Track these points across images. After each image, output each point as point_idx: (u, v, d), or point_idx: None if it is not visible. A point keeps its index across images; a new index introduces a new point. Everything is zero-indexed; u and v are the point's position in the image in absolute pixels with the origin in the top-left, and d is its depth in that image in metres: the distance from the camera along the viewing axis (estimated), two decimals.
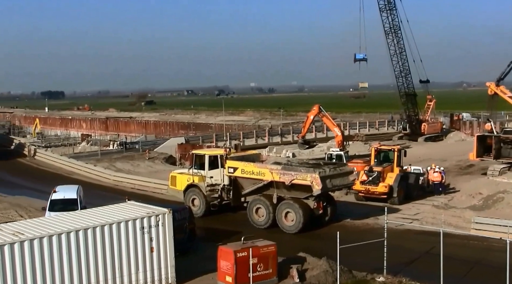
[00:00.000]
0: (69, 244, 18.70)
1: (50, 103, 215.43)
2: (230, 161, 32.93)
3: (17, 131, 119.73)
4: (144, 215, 20.60)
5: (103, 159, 58.64)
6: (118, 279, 19.86)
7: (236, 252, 20.28)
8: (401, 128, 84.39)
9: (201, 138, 76.96)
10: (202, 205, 34.18)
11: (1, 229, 19.10)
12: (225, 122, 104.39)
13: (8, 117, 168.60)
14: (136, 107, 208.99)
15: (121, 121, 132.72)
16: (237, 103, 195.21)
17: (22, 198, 42.14)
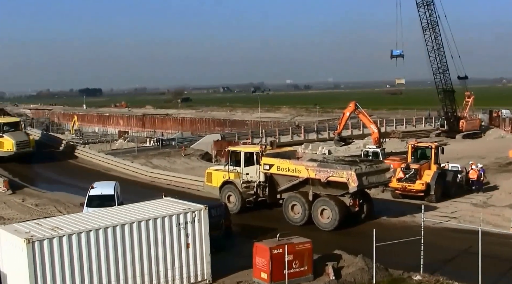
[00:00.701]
0: (106, 239, 18.92)
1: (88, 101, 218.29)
2: (265, 157, 32.92)
3: (56, 128, 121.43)
4: (180, 211, 20.73)
5: (140, 156, 59.12)
6: (154, 274, 20.03)
7: (271, 248, 20.28)
8: (438, 125, 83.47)
9: (237, 135, 77.13)
10: (238, 201, 34.24)
11: (40, 224, 19.43)
12: (260, 119, 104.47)
13: (47, 114, 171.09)
14: (173, 104, 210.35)
15: (158, 118, 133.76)
16: (273, 100, 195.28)
17: (61, 194, 42.73)
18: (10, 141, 52.39)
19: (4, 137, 52.86)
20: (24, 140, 53.48)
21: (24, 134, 55.72)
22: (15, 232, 18.46)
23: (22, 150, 53.06)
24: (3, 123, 54.23)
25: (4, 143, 52.79)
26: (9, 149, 52.51)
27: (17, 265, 17.99)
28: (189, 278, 20.84)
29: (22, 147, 52.92)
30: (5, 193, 42.50)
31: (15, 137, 52.76)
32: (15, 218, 33.13)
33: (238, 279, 21.57)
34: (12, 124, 55.40)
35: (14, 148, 52.25)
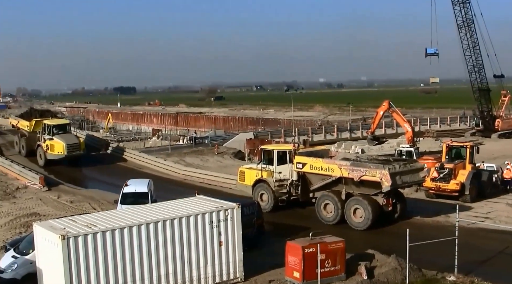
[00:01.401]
0: (140, 236, 19.08)
1: (122, 99, 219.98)
2: (298, 156, 32.86)
3: (90, 126, 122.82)
4: (213, 209, 20.81)
5: (173, 154, 59.46)
6: (187, 272, 20.14)
7: (304, 247, 20.25)
8: (473, 124, 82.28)
9: (270, 134, 77.08)
10: (271, 200, 34.23)
11: (75, 220, 19.66)
12: (293, 117, 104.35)
13: (82, 112, 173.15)
14: (206, 103, 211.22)
15: (191, 117, 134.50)
16: (306, 99, 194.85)
17: (95, 191, 43.25)
18: (60, 144, 51.42)
19: (54, 140, 51.82)
20: (75, 143, 52.47)
21: (74, 136, 54.89)
22: (50, 228, 18.73)
23: (73, 153, 52.04)
24: (53, 126, 53.12)
25: (54, 145, 51.70)
26: (60, 151, 51.50)
27: (53, 261, 18.26)
28: (221, 276, 20.91)
29: (73, 149, 51.86)
30: (41, 190, 43.15)
31: (65, 140, 51.84)
32: (50, 214, 33.57)
33: (270, 278, 21.58)
34: (62, 127, 54.19)
35: (65, 150, 51.27)
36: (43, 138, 52.77)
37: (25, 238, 22.95)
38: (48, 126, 52.84)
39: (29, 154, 56.25)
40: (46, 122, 53.84)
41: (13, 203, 39.28)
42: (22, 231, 30.42)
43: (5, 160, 56.02)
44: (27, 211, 35.81)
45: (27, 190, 43.77)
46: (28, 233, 25.53)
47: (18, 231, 30.70)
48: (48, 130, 52.46)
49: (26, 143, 56.96)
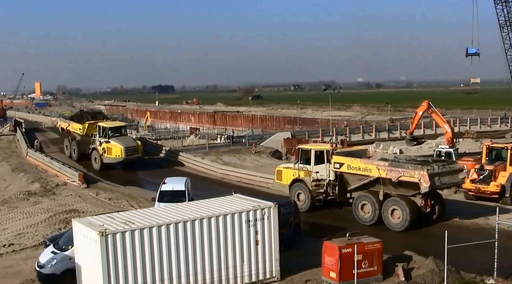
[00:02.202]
0: (177, 234, 19.18)
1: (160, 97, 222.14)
2: (336, 156, 32.70)
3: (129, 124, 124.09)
4: (250, 208, 20.81)
5: (211, 152, 59.72)
6: (223, 270, 20.18)
7: (340, 248, 20.14)
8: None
9: (307, 133, 76.99)
10: (308, 199, 34.12)
11: (113, 217, 19.86)
12: (331, 117, 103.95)
13: (121, 110, 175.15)
14: (243, 102, 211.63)
15: (229, 116, 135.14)
16: (344, 98, 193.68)
17: (133, 188, 43.66)
18: (118, 147, 50.03)
19: (111, 143, 50.46)
20: (133, 146, 51.16)
21: (131, 139, 53.92)
22: (89, 224, 18.95)
23: (131, 156, 50.61)
24: (109, 128, 51.83)
25: (111, 148, 50.30)
26: (117, 155, 50.10)
27: (91, 257, 18.47)
28: (257, 275, 20.91)
29: (131, 153, 50.45)
30: (80, 187, 43.74)
31: (123, 143, 50.54)
32: (89, 211, 34.00)
33: (307, 278, 21.51)
34: (118, 129, 52.94)
35: (123, 154, 49.86)
36: (99, 141, 51.42)
37: (64, 234, 23.23)
38: (103, 128, 51.65)
39: (81, 157, 55.20)
40: (101, 124, 52.61)
41: (53, 199, 39.93)
42: (61, 227, 30.86)
43: (45, 157, 56.96)
44: (66, 208, 36.34)
45: (66, 187, 44.45)
46: (67, 229, 25.86)
47: (57, 227, 31.15)
48: (104, 133, 51.29)
49: (78, 146, 55.74)
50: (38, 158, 58.34)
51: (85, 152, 54.24)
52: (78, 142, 56.22)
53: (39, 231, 31.12)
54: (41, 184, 45.98)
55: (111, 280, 17.98)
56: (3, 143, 79.48)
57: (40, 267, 21.66)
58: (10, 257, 27.09)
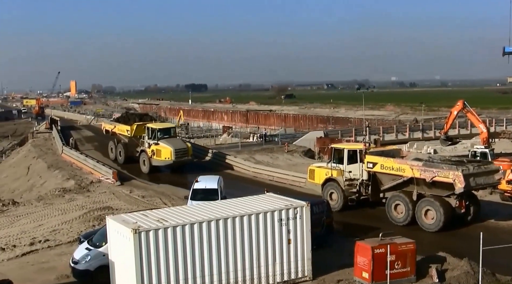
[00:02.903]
0: (209, 232, 19.25)
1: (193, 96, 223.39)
2: (369, 155, 32.49)
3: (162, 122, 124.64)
4: (282, 207, 20.78)
5: (243, 151, 59.81)
6: (255, 269, 20.18)
7: (373, 248, 20.00)
8: None
9: (340, 133, 76.67)
10: (340, 199, 33.97)
11: (146, 215, 20.01)
12: (364, 116, 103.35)
13: (154, 108, 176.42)
14: (276, 101, 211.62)
15: (261, 114, 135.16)
16: (377, 98, 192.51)
17: (166, 186, 43.91)
18: (168, 149, 48.02)
19: (161, 145, 48.48)
20: (183, 148, 49.12)
21: (181, 141, 52.28)
22: (123, 222, 19.13)
23: (181, 159, 48.69)
24: (158, 129, 49.77)
25: (161, 151, 48.36)
26: (167, 157, 48.12)
27: (124, 254, 18.63)
28: (289, 274, 20.87)
29: (181, 155, 48.46)
30: (114, 184, 44.19)
31: (173, 144, 48.55)
32: (122, 209, 34.31)
33: (339, 277, 21.42)
34: (167, 130, 50.86)
35: (173, 156, 47.80)
36: (148, 143, 49.76)
37: (98, 231, 23.47)
38: (152, 130, 49.75)
39: (127, 160, 53.85)
40: (150, 126, 50.82)
41: (87, 196, 40.41)
42: (96, 224, 31.20)
43: (80, 155, 57.69)
44: (100, 205, 36.72)
45: (100, 184, 44.96)
46: (101, 226, 26.14)
47: (91, 224, 31.51)
48: (152, 135, 49.43)
49: (125, 149, 54.27)
50: (73, 156, 59.15)
51: (132, 155, 52.70)
52: (125, 144, 54.66)
53: (73, 228, 31.51)
54: (76, 181, 46.60)
55: (143, 276, 18.12)
56: (39, 140, 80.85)
57: (75, 263, 21.94)
58: (45, 252, 27.49)
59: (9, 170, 67.37)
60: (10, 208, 41.92)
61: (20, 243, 29.69)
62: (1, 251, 28.41)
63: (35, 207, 39.77)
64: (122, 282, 19.10)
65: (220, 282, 19.50)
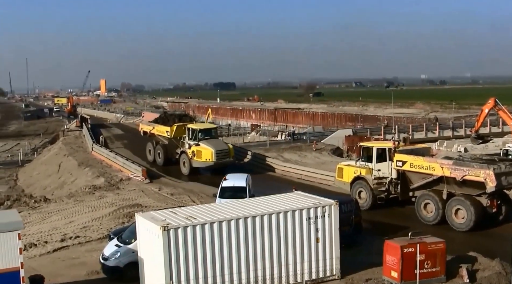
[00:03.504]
0: (237, 230, 19.30)
1: (221, 94, 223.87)
2: (398, 154, 32.28)
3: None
4: (310, 206, 20.74)
5: (271, 149, 59.73)
6: (283, 267, 20.18)
7: (402, 247, 19.86)
8: None
9: (369, 131, 76.21)
10: (369, 197, 33.81)
11: (175, 212, 20.13)
12: (393, 114, 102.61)
13: (183, 107, 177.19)
14: (304, 99, 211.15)
15: (289, 112, 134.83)
16: (407, 96, 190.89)
17: (194, 184, 44.09)
18: (209, 150, 46.74)
19: (201, 146, 47.25)
20: (224, 149, 47.81)
21: (223, 142, 50.92)
22: (152, 219, 19.26)
23: (222, 160, 47.18)
24: (199, 130, 48.52)
25: (202, 152, 47.06)
26: (208, 158, 46.72)
27: (153, 251, 18.76)
28: (317, 272, 20.83)
29: (222, 156, 47.15)
30: (143, 182, 44.50)
31: (214, 145, 47.30)
32: (151, 206, 34.53)
33: (367, 276, 21.32)
34: (208, 131, 49.48)
35: (214, 157, 46.47)
36: (188, 144, 48.71)
37: (128, 228, 23.67)
38: (193, 131, 48.55)
39: (166, 162, 52.77)
40: (191, 126, 49.72)
41: (117, 193, 40.76)
42: (125, 221, 31.48)
43: (110, 152, 58.24)
44: (130, 202, 37.02)
45: (130, 182, 45.32)
46: (130, 223, 26.36)
47: (121, 221, 31.79)
48: (193, 136, 48.25)
49: (165, 150, 52.95)
50: (103, 153, 59.77)
51: (172, 156, 51.73)
52: (165, 145, 53.39)
53: (103, 224, 31.83)
54: (105, 178, 47.06)
55: (172, 273, 18.24)
56: (70, 138, 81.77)
57: (105, 260, 22.17)
58: (76, 248, 27.83)
59: (40, 167, 68.21)
60: (41, 205, 42.56)
61: (51, 239, 30.12)
62: (33, 247, 28.85)
63: (66, 204, 40.28)
64: (151, 279, 19.23)
65: (248, 280, 19.55)
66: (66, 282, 22.30)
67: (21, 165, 77.32)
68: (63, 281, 22.38)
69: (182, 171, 49.16)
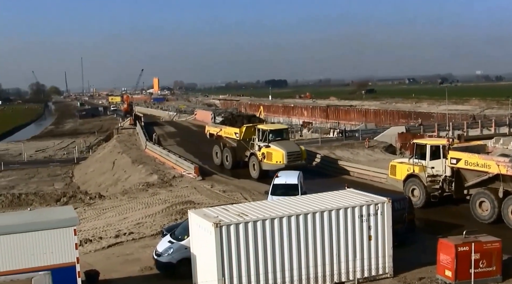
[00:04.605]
0: (289, 227, 19.34)
1: (273, 92, 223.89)
2: (453, 151, 31.78)
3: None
4: (363, 203, 20.63)
5: (323, 146, 59.47)
6: (335, 264, 20.14)
7: (457, 246, 19.58)
8: None
9: (422, 128, 75.18)
10: (422, 195, 33.36)
11: (227, 209, 20.28)
12: (448, 111, 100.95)
13: (235, 104, 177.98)
14: (357, 96, 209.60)
15: (341, 110, 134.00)
16: (461, 92, 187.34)
17: (246, 181, 44.21)
18: (280, 152, 43.91)
19: (272, 148, 44.59)
20: (296, 151, 44.83)
21: (294, 144, 48.19)
22: (204, 216, 19.44)
23: (294, 163, 43.67)
24: (269, 131, 46.00)
25: (272, 154, 44.33)
26: (278, 161, 43.80)
27: (206, 247, 18.95)
28: (370, 270, 20.71)
29: (293, 159, 44.20)
30: (195, 179, 44.87)
31: (285, 147, 44.46)
32: (204, 203, 34.82)
33: (421, 275, 21.09)
34: (279, 132, 46.89)
35: (285, 160, 43.52)
36: (258, 146, 46.20)
37: (181, 225, 23.95)
38: (263, 132, 46.08)
39: (234, 165, 50.36)
40: (261, 127, 47.28)
41: (170, 190, 41.23)
42: (178, 217, 31.81)
43: (163, 150, 58.95)
44: (183, 199, 37.41)
45: (182, 179, 45.76)
46: (183, 220, 26.65)
47: (174, 218, 32.14)
48: (263, 137, 45.79)
49: (233, 153, 50.22)
50: (156, 151, 60.57)
51: (241, 159, 49.58)
52: (233, 148, 50.67)
53: (156, 221, 32.24)
54: (159, 175, 47.65)
55: (225, 269, 18.39)
56: (123, 136, 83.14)
57: (158, 256, 22.46)
58: (130, 245, 28.27)
59: (95, 165, 69.59)
60: (96, 201, 43.45)
61: (106, 235, 30.69)
62: (88, 243, 29.45)
63: (120, 201, 40.98)
64: (204, 275, 19.42)
65: (300, 277, 19.57)
66: (120, 277, 22.70)
67: (77, 162, 79.15)
68: (118, 276, 22.79)
69: (252, 174, 46.59)
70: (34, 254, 17.71)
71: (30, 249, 17.71)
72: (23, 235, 17.74)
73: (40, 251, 17.78)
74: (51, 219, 18.75)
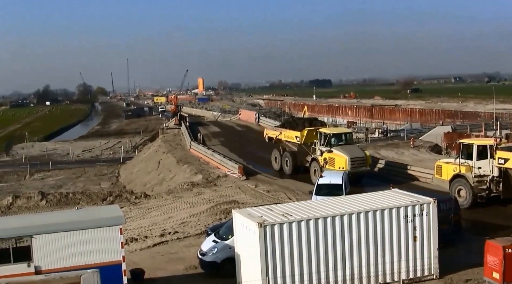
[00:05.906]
0: (333, 227, 19.30)
1: (317, 91, 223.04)
2: (500, 151, 31.27)
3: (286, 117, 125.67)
4: (408, 204, 20.46)
5: (368, 146, 59.05)
6: (380, 265, 20.02)
7: (505, 247, 19.19)
8: None
9: (469, 127, 74.11)
10: (469, 196, 32.86)
11: (271, 209, 20.33)
12: (495, 110, 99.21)
13: (279, 104, 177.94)
14: (402, 95, 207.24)
15: (386, 109, 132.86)
16: (509, 91, 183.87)
17: (290, 181, 44.20)
18: (343, 157, 41.19)
19: (334, 153, 41.89)
20: (360, 157, 42.19)
21: (359, 149, 44.66)
22: (248, 215, 19.55)
23: (358, 169, 41.62)
24: (331, 135, 43.33)
25: (335, 159, 41.62)
26: (341, 166, 40.73)
27: (250, 246, 19.04)
28: (415, 271, 20.52)
29: (357, 165, 41.65)
30: (239, 179, 45.05)
31: (349, 152, 41.74)
32: (248, 203, 34.94)
33: (467, 277, 20.80)
34: (342, 136, 44.40)
35: (348, 166, 40.75)
36: (320, 151, 43.60)
37: (225, 224, 24.09)
38: (325, 135, 43.45)
39: (295, 170, 47.80)
40: (323, 131, 44.56)
41: (214, 190, 41.46)
42: (222, 217, 32.00)
43: (208, 150, 59.29)
44: (227, 199, 37.60)
45: (227, 179, 45.98)
46: (227, 219, 26.78)
47: (218, 217, 32.35)
48: (325, 141, 43.16)
49: (293, 158, 47.65)
50: (200, 151, 60.97)
51: (302, 164, 46.97)
52: (293, 152, 48.16)
53: (201, 220, 32.49)
54: (203, 175, 47.95)
55: (269, 269, 18.46)
56: (169, 136, 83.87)
57: (202, 255, 22.65)
58: (174, 244, 28.56)
59: (141, 164, 70.37)
60: (142, 201, 43.95)
61: (151, 234, 31.05)
62: (134, 241, 29.84)
63: (165, 200, 41.37)
64: (248, 274, 19.52)
65: (344, 277, 19.52)
66: (165, 276, 22.96)
67: (123, 162, 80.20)
68: (163, 275, 23.06)
69: (313, 180, 41.83)
70: (82, 252, 18.04)
71: (77, 247, 18.04)
72: (71, 233, 18.08)
73: (87, 249, 18.11)
74: (98, 218, 19.07)
